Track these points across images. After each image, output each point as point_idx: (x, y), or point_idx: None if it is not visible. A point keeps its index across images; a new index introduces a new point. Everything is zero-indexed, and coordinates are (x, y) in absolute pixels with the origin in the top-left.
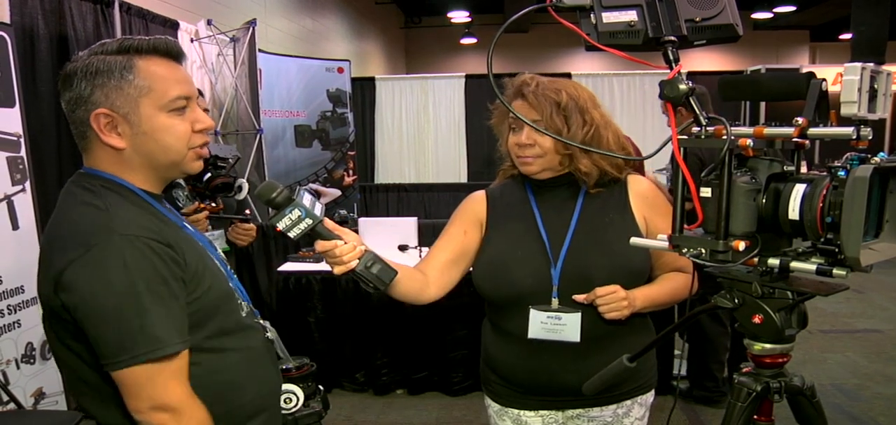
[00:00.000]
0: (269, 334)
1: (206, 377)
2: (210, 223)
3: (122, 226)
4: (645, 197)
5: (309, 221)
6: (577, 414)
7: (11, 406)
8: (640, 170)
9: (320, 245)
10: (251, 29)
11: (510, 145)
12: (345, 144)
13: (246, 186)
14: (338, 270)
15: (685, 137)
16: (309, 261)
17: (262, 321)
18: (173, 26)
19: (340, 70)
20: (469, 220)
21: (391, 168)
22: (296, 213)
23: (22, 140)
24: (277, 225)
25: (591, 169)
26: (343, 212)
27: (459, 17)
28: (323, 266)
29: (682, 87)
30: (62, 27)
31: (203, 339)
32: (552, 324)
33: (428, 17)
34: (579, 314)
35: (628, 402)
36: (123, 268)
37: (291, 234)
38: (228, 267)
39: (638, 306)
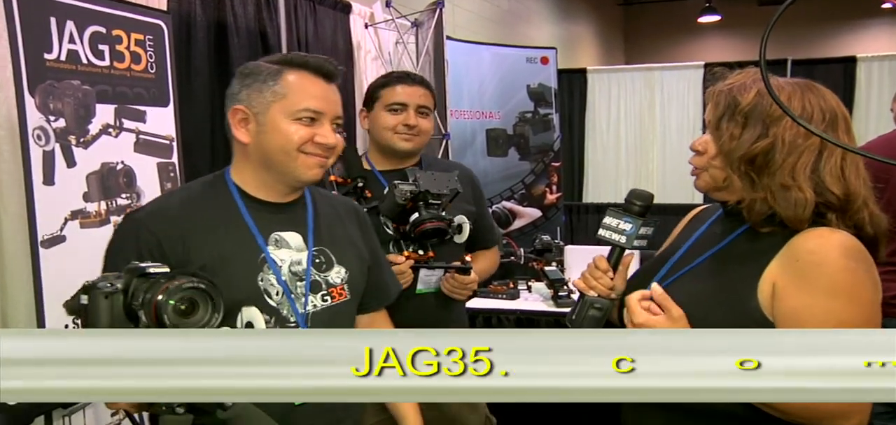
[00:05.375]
0: None
1: None
2: (419, 269)
3: (144, 209)
4: (797, 258)
5: (623, 240)
6: None
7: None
8: None
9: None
10: (438, 11)
11: None
12: (548, 154)
13: (467, 225)
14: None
15: None
16: (501, 298)
17: None
18: (345, 9)
19: (545, 61)
20: None
21: (605, 183)
22: (625, 225)
23: (174, 144)
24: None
25: (749, 199)
26: (545, 237)
27: None
28: (515, 305)
29: None
30: (221, 13)
31: None
32: None
33: None
34: None
35: None
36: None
37: (612, 237)
38: (292, 293)
39: None
